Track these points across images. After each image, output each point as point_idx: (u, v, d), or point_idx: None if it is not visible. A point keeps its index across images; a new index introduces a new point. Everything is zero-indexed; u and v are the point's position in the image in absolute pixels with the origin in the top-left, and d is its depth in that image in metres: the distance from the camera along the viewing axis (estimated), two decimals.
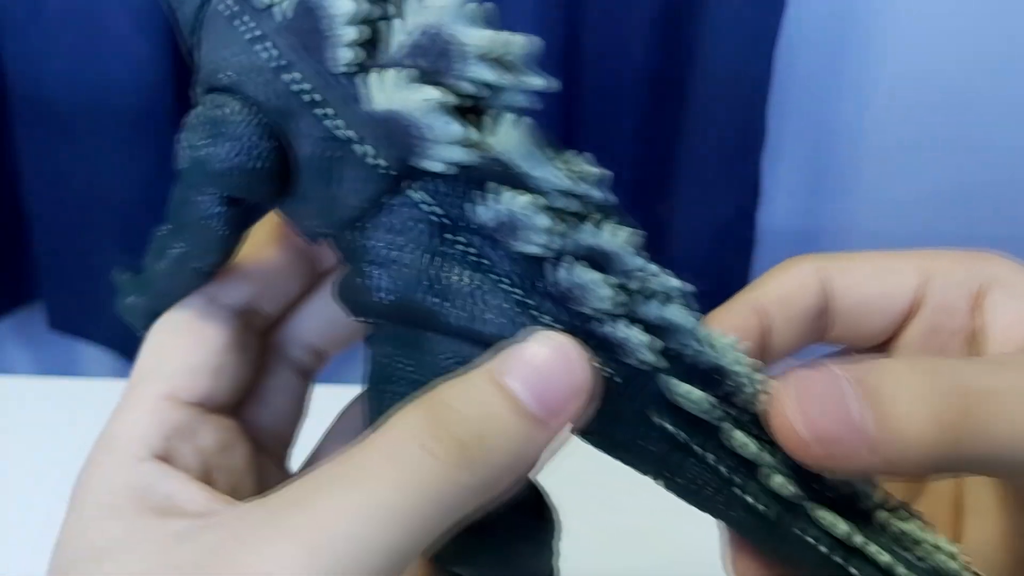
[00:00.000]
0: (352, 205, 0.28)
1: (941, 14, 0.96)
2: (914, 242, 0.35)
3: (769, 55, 0.91)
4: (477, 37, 0.26)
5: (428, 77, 0.26)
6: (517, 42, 0.27)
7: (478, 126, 0.26)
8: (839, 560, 0.29)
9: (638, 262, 0.27)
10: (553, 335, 0.26)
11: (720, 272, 0.91)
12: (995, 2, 0.96)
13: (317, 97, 0.27)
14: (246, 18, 0.28)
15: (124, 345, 0.96)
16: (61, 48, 0.88)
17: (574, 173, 0.27)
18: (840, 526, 0.29)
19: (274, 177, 0.28)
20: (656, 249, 0.27)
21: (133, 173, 0.90)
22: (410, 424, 0.25)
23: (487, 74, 0.26)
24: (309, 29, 0.27)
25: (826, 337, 0.33)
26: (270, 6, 0.28)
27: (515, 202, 0.26)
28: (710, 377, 0.28)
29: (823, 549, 0.29)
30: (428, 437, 0.25)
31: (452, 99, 0.26)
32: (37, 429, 0.65)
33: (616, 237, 0.27)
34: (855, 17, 0.96)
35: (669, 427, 0.28)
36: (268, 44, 0.28)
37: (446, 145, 0.26)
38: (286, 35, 0.27)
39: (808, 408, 0.25)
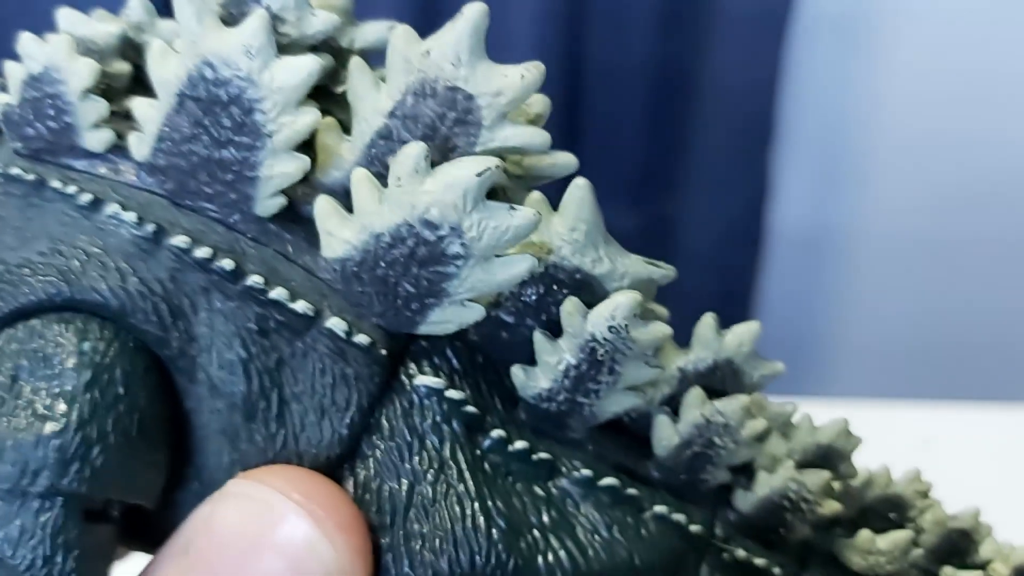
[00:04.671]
0: (334, 428, 0.20)
1: (955, 8, 0.95)
2: (927, 240, 0.33)
3: (778, 48, 0.90)
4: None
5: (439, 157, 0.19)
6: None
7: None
8: None
9: None
10: (260, 475, 0.19)
11: (728, 269, 0.90)
12: None
13: (227, 264, 0.19)
14: (57, 182, 0.20)
15: None
16: None
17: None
18: None
19: (166, 443, 0.20)
20: (663, 246, 0.25)
21: None
22: None
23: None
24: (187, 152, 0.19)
25: None
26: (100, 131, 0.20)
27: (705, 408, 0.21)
28: None
29: None
30: None
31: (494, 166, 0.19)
32: None
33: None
34: (867, 10, 0.95)
35: None
36: (116, 207, 0.20)
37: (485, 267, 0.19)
38: (151, 175, 0.20)
39: None
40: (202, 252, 0.19)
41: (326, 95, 0.21)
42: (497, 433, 0.21)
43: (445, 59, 0.19)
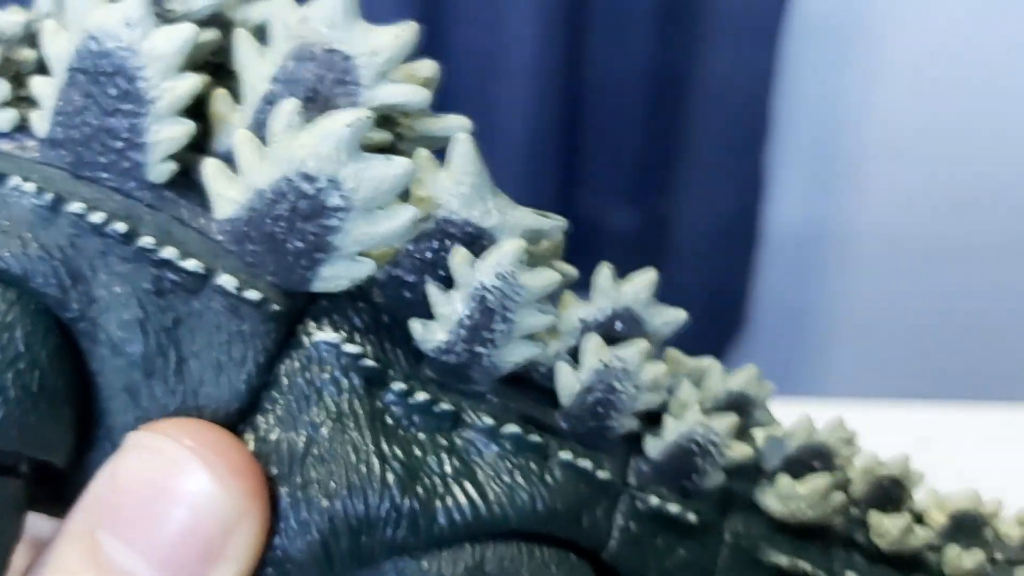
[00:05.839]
0: (231, 383, 0.20)
1: (948, 8, 0.94)
2: (921, 238, 0.33)
3: (773, 46, 0.89)
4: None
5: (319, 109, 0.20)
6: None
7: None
8: None
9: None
10: (155, 426, 0.20)
11: (723, 268, 0.89)
12: None
13: (121, 227, 0.20)
14: None
15: None
16: None
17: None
18: None
19: (70, 401, 0.20)
20: (658, 245, 0.26)
21: None
22: None
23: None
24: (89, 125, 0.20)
25: None
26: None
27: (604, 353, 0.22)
28: None
29: None
30: None
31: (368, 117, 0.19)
32: None
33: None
34: (860, 11, 0.95)
35: None
36: (18, 179, 0.20)
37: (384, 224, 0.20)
38: (52, 149, 0.21)
39: None
40: (97, 217, 0.20)
41: (224, 73, 0.22)
42: (399, 386, 0.21)
43: (321, 23, 0.20)
